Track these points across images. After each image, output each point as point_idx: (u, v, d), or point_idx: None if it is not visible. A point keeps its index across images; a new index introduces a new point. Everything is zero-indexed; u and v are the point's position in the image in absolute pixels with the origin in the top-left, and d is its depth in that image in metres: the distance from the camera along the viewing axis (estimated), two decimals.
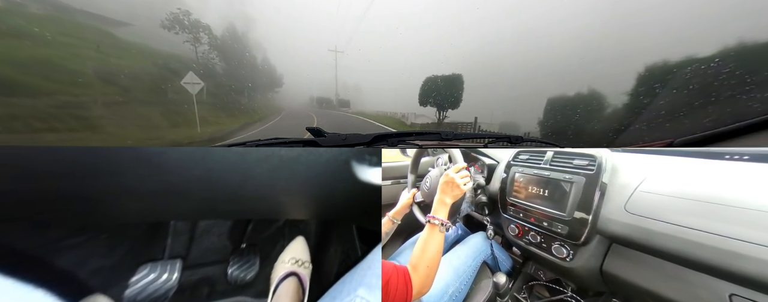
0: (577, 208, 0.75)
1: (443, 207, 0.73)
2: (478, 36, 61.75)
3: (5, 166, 0.53)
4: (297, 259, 0.92)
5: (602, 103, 7.86)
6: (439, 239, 0.68)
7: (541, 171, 0.89)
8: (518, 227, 0.96)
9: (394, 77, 63.95)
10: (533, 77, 24.82)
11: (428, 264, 0.63)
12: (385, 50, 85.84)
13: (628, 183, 0.71)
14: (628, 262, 0.67)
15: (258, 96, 21.65)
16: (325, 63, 40.05)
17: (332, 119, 16.55)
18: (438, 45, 69.61)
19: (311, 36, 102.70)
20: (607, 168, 0.75)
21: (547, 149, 0.95)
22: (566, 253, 0.79)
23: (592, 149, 0.80)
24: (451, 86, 11.62)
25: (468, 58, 39.87)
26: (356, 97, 44.79)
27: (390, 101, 44.43)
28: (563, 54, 26.80)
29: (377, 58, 76.91)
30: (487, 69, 32.31)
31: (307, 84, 46.95)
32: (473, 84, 13.62)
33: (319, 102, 39.54)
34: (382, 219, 0.99)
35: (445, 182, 0.77)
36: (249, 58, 21.65)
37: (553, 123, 8.21)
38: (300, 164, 0.70)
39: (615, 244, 0.71)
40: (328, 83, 38.46)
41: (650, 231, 0.60)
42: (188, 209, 0.79)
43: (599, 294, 0.82)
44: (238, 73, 18.46)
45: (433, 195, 1.08)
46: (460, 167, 0.81)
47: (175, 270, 0.89)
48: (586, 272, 0.76)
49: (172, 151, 0.62)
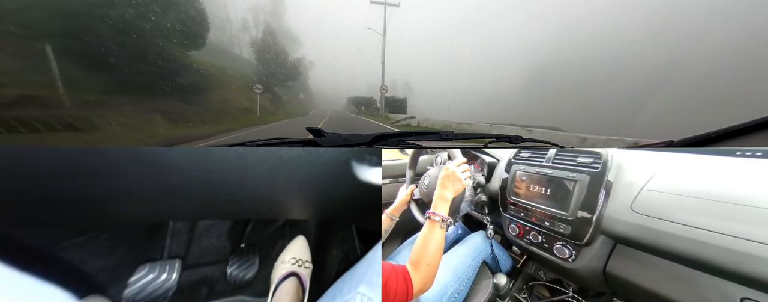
0: (581, 207, 0.74)
1: (443, 203, 0.72)
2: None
3: (5, 166, 0.53)
4: (297, 259, 0.91)
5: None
6: (439, 235, 0.66)
7: (544, 169, 0.87)
8: (519, 226, 0.94)
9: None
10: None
11: (429, 262, 0.62)
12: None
13: (634, 182, 0.69)
14: (633, 263, 0.65)
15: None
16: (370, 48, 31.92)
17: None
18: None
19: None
20: (612, 166, 0.74)
21: (548, 147, 0.94)
22: (569, 253, 0.78)
23: (596, 148, 0.79)
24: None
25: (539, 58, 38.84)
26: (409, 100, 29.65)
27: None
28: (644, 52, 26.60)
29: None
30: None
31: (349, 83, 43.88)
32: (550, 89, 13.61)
33: (358, 104, 30.02)
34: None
35: (445, 177, 0.75)
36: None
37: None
38: (300, 164, 0.70)
39: (620, 245, 0.70)
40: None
41: (658, 231, 0.58)
42: (188, 209, 0.79)
43: (600, 295, 0.81)
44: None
45: (432, 194, 1.07)
46: (461, 161, 0.79)
47: (174, 270, 0.89)
48: (588, 272, 0.75)
49: (171, 151, 0.62)
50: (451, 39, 71.18)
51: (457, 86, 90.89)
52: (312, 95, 31.17)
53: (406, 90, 49.15)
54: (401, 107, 23.23)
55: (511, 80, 59.22)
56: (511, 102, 66.01)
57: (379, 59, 16.79)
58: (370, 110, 25.97)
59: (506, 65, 37.92)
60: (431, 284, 0.62)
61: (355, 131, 0.84)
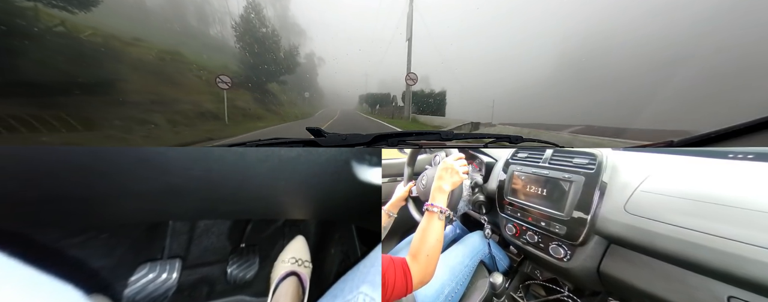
0: (576, 208, 0.75)
1: (441, 194, 0.71)
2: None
3: (5, 166, 0.53)
4: (297, 259, 0.92)
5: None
6: (438, 227, 0.66)
7: (540, 170, 0.89)
8: (516, 226, 0.96)
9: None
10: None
11: (428, 253, 0.62)
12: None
13: (628, 183, 0.70)
14: (626, 263, 0.67)
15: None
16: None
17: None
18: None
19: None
20: (607, 167, 0.75)
21: (546, 147, 0.95)
22: (564, 253, 0.79)
23: (593, 148, 0.80)
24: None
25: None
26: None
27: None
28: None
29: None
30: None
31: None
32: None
33: (372, 102, 23.76)
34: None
35: (443, 169, 0.75)
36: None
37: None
38: (300, 164, 0.70)
39: (613, 245, 0.71)
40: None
41: (650, 232, 0.60)
42: (188, 209, 0.79)
43: (595, 294, 0.82)
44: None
45: (429, 192, 1.08)
46: (460, 156, 0.80)
47: (174, 270, 0.89)
48: (583, 272, 0.76)
49: (171, 151, 0.62)
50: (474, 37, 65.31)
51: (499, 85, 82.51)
52: (321, 94, 28.22)
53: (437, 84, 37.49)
54: (436, 107, 14.76)
55: (541, 77, 55.22)
56: (543, 101, 62.80)
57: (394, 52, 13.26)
58: (387, 111, 18.55)
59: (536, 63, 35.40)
60: (431, 276, 0.62)
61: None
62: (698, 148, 0.78)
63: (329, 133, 0.81)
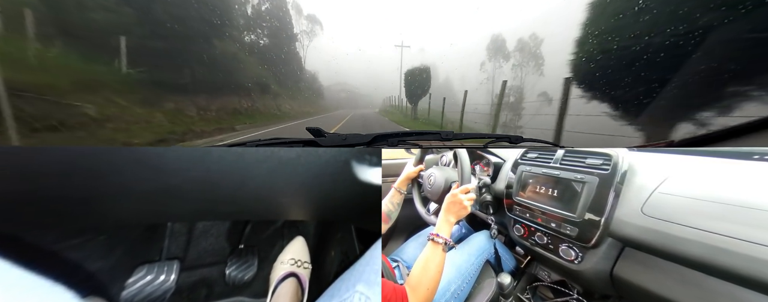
0: (589, 209, 0.72)
1: (447, 226, 0.74)
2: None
3: (5, 166, 0.52)
4: (296, 260, 0.90)
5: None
6: (441, 258, 0.67)
7: (551, 170, 0.86)
8: (524, 227, 0.93)
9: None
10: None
11: (428, 286, 0.63)
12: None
13: (646, 184, 0.67)
14: (642, 267, 0.64)
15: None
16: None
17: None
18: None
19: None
20: (623, 168, 0.72)
21: (556, 148, 0.92)
22: (575, 255, 0.76)
23: (607, 149, 0.77)
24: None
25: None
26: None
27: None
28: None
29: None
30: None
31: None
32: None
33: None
34: (389, 192, 1.01)
35: (450, 202, 0.77)
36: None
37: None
38: (300, 165, 0.68)
39: (628, 248, 0.68)
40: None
41: (669, 235, 0.57)
42: (187, 210, 0.78)
43: (606, 298, 0.80)
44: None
45: (434, 194, 1.07)
46: (467, 188, 0.81)
47: (172, 271, 0.88)
48: (595, 275, 0.74)
49: (170, 151, 0.61)
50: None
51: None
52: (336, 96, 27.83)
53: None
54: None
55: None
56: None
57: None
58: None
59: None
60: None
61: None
62: (718, 148, 0.75)
63: (329, 133, 0.79)
